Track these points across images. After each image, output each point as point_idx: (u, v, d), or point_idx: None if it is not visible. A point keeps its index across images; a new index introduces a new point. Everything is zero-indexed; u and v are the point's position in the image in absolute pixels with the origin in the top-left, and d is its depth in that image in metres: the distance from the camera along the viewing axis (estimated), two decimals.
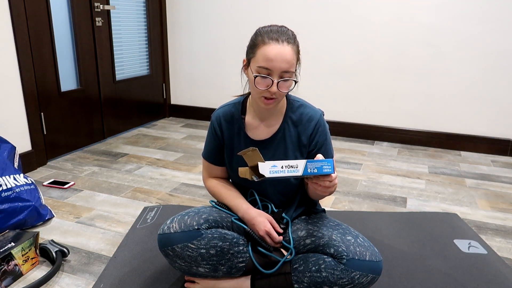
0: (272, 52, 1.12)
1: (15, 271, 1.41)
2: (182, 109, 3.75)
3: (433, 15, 2.81)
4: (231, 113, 1.33)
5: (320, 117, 1.29)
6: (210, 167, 1.41)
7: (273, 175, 0.98)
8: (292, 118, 1.29)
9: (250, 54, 1.19)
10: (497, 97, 2.83)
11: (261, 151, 1.29)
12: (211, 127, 1.37)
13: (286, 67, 1.13)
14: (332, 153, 1.33)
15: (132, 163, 2.58)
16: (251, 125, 1.31)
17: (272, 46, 1.13)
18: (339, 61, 3.12)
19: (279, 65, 1.13)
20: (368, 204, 2.07)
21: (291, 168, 1.00)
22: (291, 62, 1.14)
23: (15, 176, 1.77)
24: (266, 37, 1.14)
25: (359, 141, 3.16)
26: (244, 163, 1.30)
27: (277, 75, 1.14)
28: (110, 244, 1.65)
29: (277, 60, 1.12)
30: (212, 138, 1.37)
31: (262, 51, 1.14)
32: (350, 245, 1.16)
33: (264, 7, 3.19)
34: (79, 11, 2.67)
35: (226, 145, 1.34)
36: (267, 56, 1.13)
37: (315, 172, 1.02)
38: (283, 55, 1.12)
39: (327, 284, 1.15)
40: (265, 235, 1.23)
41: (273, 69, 1.13)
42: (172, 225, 1.22)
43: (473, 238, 1.71)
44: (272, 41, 1.13)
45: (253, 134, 1.31)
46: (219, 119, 1.34)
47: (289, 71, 1.14)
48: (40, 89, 2.45)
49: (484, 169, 2.64)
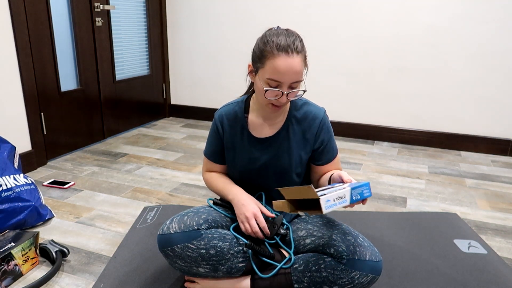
0: (282, 65, 1.12)
1: (15, 271, 1.41)
2: (182, 109, 3.76)
3: (433, 15, 2.81)
4: (234, 111, 1.34)
5: (324, 115, 1.31)
6: (211, 164, 1.42)
7: (328, 210, 0.98)
8: (296, 116, 1.31)
9: (258, 63, 1.18)
10: (497, 97, 2.83)
11: (264, 150, 1.31)
12: (214, 126, 1.37)
13: (296, 78, 1.14)
14: (336, 149, 1.36)
15: (132, 163, 2.58)
16: (255, 123, 1.32)
17: (282, 59, 1.12)
18: (339, 61, 3.12)
19: (288, 78, 1.14)
20: (368, 204, 2.07)
21: (340, 199, 1.01)
22: (300, 72, 1.15)
23: (15, 176, 1.77)
24: (275, 48, 1.12)
25: (359, 141, 3.16)
26: (248, 163, 1.31)
27: (287, 87, 1.15)
28: (110, 244, 1.65)
29: (287, 73, 1.13)
30: (214, 136, 1.38)
31: (271, 64, 1.13)
32: (350, 245, 1.16)
33: (264, 7, 3.19)
34: (79, 11, 2.67)
35: (228, 144, 1.35)
36: (277, 70, 1.13)
37: (359, 198, 1.03)
38: (293, 67, 1.13)
39: (327, 284, 1.15)
40: (252, 217, 1.22)
41: (283, 82, 1.14)
42: (171, 225, 1.22)
43: (473, 238, 1.71)
44: (282, 53, 1.12)
45: (256, 133, 1.32)
46: (222, 118, 1.34)
47: (298, 81, 1.16)
48: (40, 89, 2.45)
49: (484, 169, 2.64)
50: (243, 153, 1.33)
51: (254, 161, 1.32)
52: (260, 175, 1.34)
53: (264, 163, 1.32)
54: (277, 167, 1.31)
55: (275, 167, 1.31)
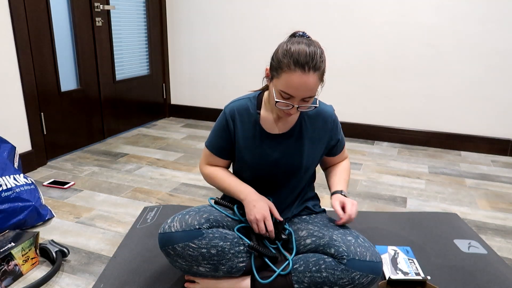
0: (296, 81, 1.12)
1: (15, 271, 1.41)
2: (182, 109, 3.75)
3: (433, 15, 2.81)
4: (246, 106, 1.33)
5: (334, 112, 1.36)
6: (213, 158, 1.40)
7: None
8: (308, 114, 1.32)
9: (274, 72, 1.18)
10: (497, 97, 2.83)
11: (276, 147, 1.31)
12: (223, 119, 1.34)
13: (309, 94, 1.16)
14: (344, 140, 1.43)
15: (132, 163, 2.58)
16: (267, 120, 1.32)
17: (297, 75, 1.12)
18: (339, 61, 3.12)
19: (301, 94, 1.15)
20: (368, 204, 2.07)
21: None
22: (314, 89, 1.16)
23: (15, 176, 1.77)
24: (293, 63, 1.12)
25: (359, 141, 3.17)
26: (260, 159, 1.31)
27: (298, 101, 1.17)
28: (110, 244, 1.65)
29: (300, 89, 1.13)
30: (221, 130, 1.35)
31: (286, 77, 1.13)
32: (351, 246, 1.16)
33: (264, 7, 3.19)
34: (79, 11, 2.67)
35: (239, 139, 1.33)
36: (291, 85, 1.13)
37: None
38: (307, 85, 1.13)
39: (327, 284, 1.15)
40: (261, 220, 1.24)
41: (295, 96, 1.15)
42: (173, 224, 1.22)
43: (473, 238, 1.71)
44: (298, 69, 1.11)
45: (269, 129, 1.32)
46: (233, 112, 1.33)
47: (311, 96, 1.17)
48: (40, 89, 2.45)
49: (484, 169, 2.64)
50: (255, 148, 1.32)
51: (265, 157, 1.32)
52: (270, 172, 1.33)
53: (275, 160, 1.32)
54: (288, 165, 1.32)
55: (286, 164, 1.32)
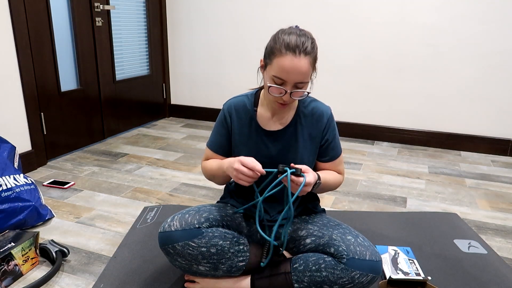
0: (287, 64, 1.13)
1: (15, 271, 1.41)
2: (182, 109, 3.76)
3: (433, 15, 2.81)
4: (243, 103, 1.34)
5: (330, 113, 1.34)
6: (213, 155, 1.40)
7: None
8: (304, 112, 1.32)
9: (267, 59, 1.20)
10: (497, 97, 2.83)
11: (272, 143, 1.31)
12: (222, 116, 1.36)
13: (301, 78, 1.15)
14: (341, 149, 1.38)
15: (132, 163, 2.58)
16: (263, 117, 1.32)
17: (288, 58, 1.13)
18: (339, 61, 3.12)
19: (293, 77, 1.14)
20: (368, 204, 2.07)
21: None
22: (306, 74, 1.15)
23: (15, 176, 1.77)
24: (284, 47, 1.13)
25: (359, 141, 3.16)
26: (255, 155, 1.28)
27: (291, 86, 1.16)
28: (110, 244, 1.65)
29: (292, 72, 1.13)
30: (220, 126, 1.36)
31: (277, 61, 1.14)
32: (350, 245, 1.16)
33: (264, 7, 3.19)
34: (79, 11, 2.67)
35: (235, 135, 1.34)
36: (282, 68, 1.13)
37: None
38: (298, 68, 1.13)
39: (327, 283, 1.15)
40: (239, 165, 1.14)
41: (287, 80, 1.15)
42: (173, 223, 1.22)
43: (473, 238, 1.71)
44: (289, 53, 1.13)
45: (265, 126, 1.32)
46: (231, 108, 1.34)
47: (303, 82, 1.16)
48: (40, 89, 2.45)
49: (484, 169, 2.64)
50: (251, 144, 1.32)
51: (261, 154, 1.32)
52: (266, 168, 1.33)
53: (271, 157, 1.32)
54: (283, 161, 1.32)
55: (281, 161, 1.31)
